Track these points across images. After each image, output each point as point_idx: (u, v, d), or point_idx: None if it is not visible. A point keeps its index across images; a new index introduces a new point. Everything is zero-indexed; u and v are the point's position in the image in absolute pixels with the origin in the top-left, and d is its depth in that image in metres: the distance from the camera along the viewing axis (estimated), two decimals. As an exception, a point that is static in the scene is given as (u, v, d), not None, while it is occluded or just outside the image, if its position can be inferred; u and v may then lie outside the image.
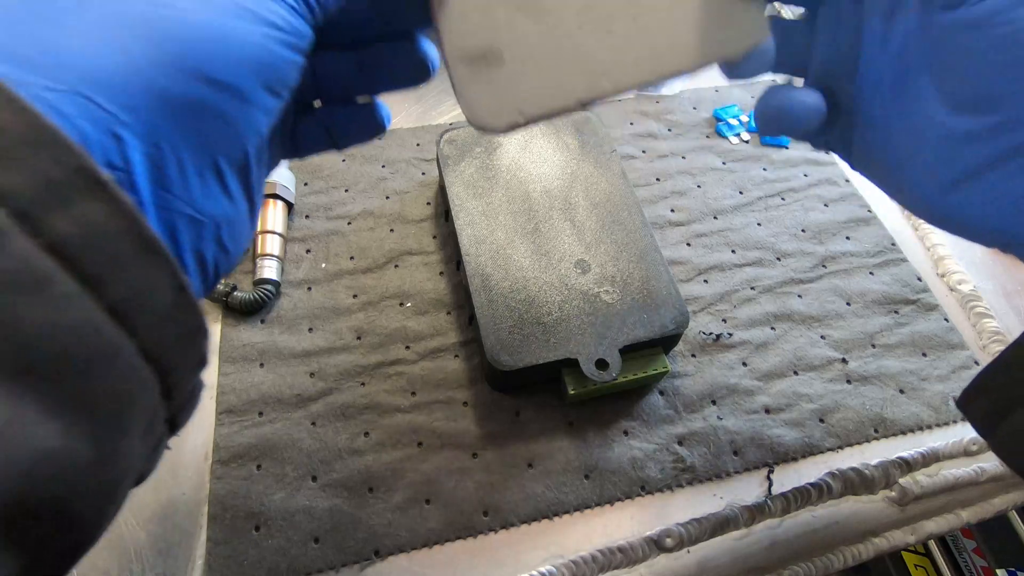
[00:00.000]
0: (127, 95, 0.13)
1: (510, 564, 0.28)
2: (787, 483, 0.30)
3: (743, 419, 0.32)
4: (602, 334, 0.30)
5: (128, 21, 0.13)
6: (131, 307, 0.12)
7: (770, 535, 0.29)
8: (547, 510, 0.29)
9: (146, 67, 0.13)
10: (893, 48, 0.19)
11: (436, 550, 0.28)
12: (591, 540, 0.28)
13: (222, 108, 0.15)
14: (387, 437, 0.30)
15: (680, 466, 0.30)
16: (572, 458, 0.30)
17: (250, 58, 0.15)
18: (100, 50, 0.13)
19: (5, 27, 0.13)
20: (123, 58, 0.13)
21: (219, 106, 0.15)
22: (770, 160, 0.43)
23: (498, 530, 0.28)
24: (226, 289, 0.33)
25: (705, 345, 0.34)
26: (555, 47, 0.20)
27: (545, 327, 0.30)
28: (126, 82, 0.13)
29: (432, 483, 0.29)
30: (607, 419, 0.31)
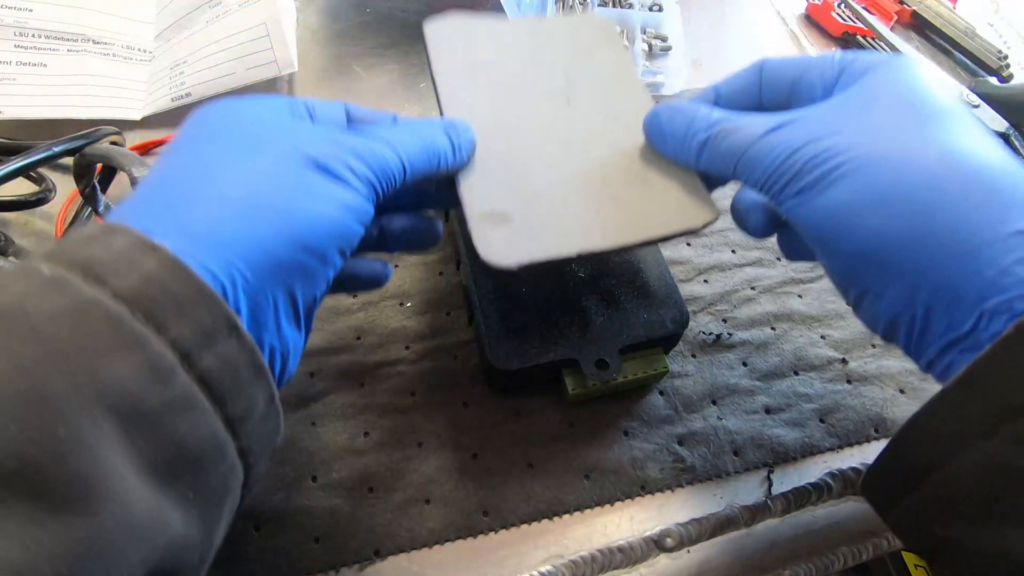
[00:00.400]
0: (253, 260, 0.18)
1: (510, 564, 0.28)
2: (787, 483, 0.30)
3: (743, 419, 0.32)
4: (602, 334, 0.30)
5: (262, 208, 0.18)
6: (241, 419, 0.16)
7: (770, 535, 0.29)
8: (547, 510, 0.29)
9: (269, 241, 0.18)
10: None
11: (436, 550, 0.28)
12: (591, 540, 0.28)
13: (310, 267, 0.20)
14: (387, 437, 0.30)
15: (680, 466, 0.30)
16: (572, 458, 0.30)
17: (335, 233, 0.20)
18: (241, 229, 0.18)
19: (181, 206, 0.18)
20: (255, 235, 0.18)
21: (308, 266, 0.20)
22: (770, 160, 0.43)
23: (498, 530, 0.28)
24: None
25: (705, 345, 0.34)
26: (551, 215, 0.26)
27: (545, 327, 0.30)
28: (254, 251, 0.18)
29: (432, 483, 0.29)
30: (607, 419, 0.31)
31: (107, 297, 0.14)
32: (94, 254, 0.15)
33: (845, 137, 0.21)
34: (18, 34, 0.41)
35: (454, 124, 0.26)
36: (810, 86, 0.25)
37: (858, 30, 0.52)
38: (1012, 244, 0.18)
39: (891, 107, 0.21)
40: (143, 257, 0.15)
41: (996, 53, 0.50)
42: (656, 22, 0.51)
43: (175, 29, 0.45)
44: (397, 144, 0.22)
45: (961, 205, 0.19)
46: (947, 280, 0.19)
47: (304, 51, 0.48)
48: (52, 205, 0.36)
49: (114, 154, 0.27)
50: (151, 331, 0.14)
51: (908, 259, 0.20)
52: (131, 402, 0.14)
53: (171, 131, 0.42)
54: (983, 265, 0.18)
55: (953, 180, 0.19)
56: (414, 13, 0.51)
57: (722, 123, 0.24)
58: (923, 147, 0.20)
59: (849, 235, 0.21)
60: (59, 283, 0.14)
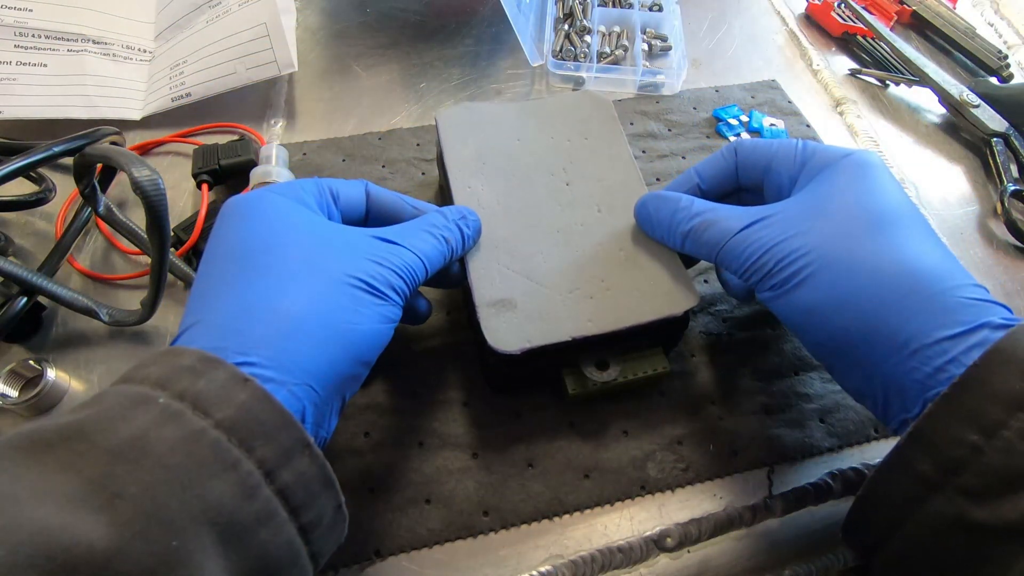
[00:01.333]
0: (324, 380, 0.21)
1: (510, 564, 0.28)
2: (787, 483, 0.30)
3: (743, 419, 0.32)
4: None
5: (329, 333, 0.22)
6: (312, 526, 0.19)
7: (770, 535, 0.29)
8: (547, 510, 0.29)
9: (338, 363, 0.22)
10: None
11: (436, 550, 0.28)
12: (591, 540, 0.28)
13: (361, 375, 0.24)
14: (387, 437, 0.30)
15: (680, 466, 0.30)
16: (572, 458, 0.30)
17: (382, 344, 0.24)
18: (316, 356, 0.21)
19: (261, 331, 0.21)
20: (327, 359, 0.22)
21: (361, 374, 0.24)
22: (770, 160, 0.43)
23: (498, 530, 0.28)
24: (226, 289, 0.33)
25: (705, 345, 0.34)
26: (551, 302, 0.29)
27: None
28: (326, 373, 0.21)
29: (432, 483, 0.29)
30: (607, 419, 0.31)
31: (211, 426, 0.17)
32: (200, 389, 0.17)
33: (809, 239, 0.25)
34: (18, 34, 0.41)
35: (464, 216, 0.29)
36: (778, 175, 0.29)
37: (858, 30, 0.52)
38: (943, 348, 0.22)
39: (848, 212, 0.25)
40: (238, 390, 0.18)
41: (996, 53, 0.50)
42: (656, 22, 0.51)
43: (175, 29, 0.45)
44: (422, 251, 0.26)
45: (903, 311, 0.23)
46: (895, 374, 0.23)
47: (304, 51, 0.48)
48: (52, 205, 0.36)
49: (114, 154, 0.27)
50: (243, 453, 0.17)
51: (864, 354, 0.23)
52: (227, 517, 0.16)
53: (171, 131, 0.42)
54: (922, 364, 0.22)
55: (897, 287, 0.23)
56: (414, 13, 0.51)
57: (703, 215, 0.28)
58: (873, 254, 0.24)
59: (816, 329, 0.25)
60: (174, 415, 0.17)
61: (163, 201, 0.25)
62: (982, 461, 0.19)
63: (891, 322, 0.23)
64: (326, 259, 0.23)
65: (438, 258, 0.27)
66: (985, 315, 0.22)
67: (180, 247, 0.35)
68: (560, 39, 0.48)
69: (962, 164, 0.45)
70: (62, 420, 0.17)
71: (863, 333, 0.23)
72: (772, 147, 0.29)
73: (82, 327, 0.33)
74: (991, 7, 0.58)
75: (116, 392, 0.18)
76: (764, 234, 0.26)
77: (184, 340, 0.21)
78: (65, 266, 0.35)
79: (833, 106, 0.48)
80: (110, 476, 0.15)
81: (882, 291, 0.23)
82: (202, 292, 0.23)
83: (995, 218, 0.42)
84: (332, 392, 0.22)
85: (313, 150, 0.41)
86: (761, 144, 0.30)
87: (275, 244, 0.23)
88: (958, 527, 0.20)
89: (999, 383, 0.20)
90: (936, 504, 0.20)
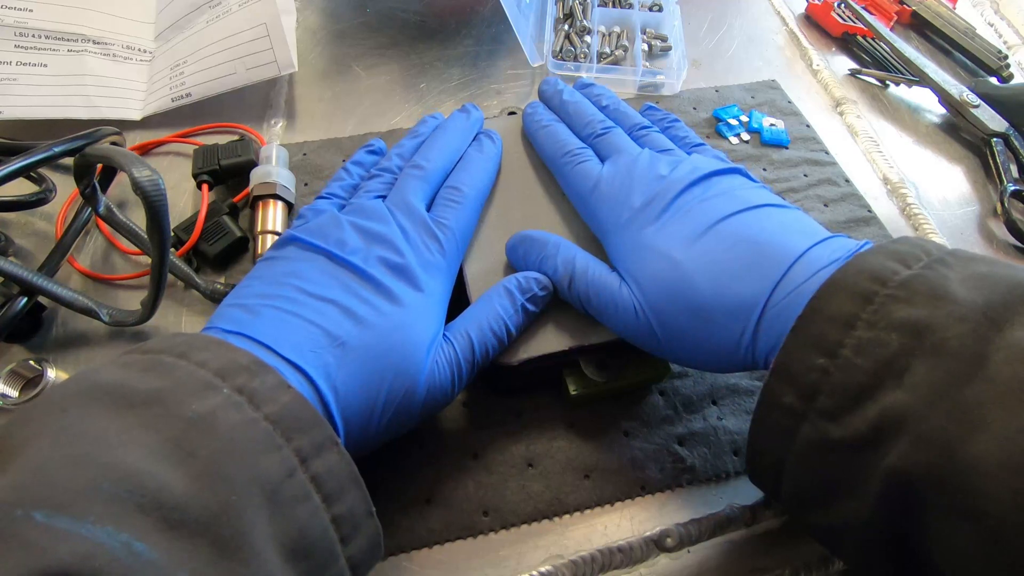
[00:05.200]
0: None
1: (510, 564, 0.28)
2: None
3: (743, 419, 0.32)
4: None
5: (380, 371, 0.25)
6: (344, 521, 0.21)
7: (770, 535, 0.29)
8: (547, 510, 0.29)
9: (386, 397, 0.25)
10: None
11: (436, 550, 0.28)
12: (591, 540, 0.28)
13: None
14: (387, 437, 0.30)
15: (680, 466, 0.30)
16: (572, 458, 0.30)
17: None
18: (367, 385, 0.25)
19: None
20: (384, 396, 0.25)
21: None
22: (770, 160, 0.43)
23: (498, 530, 0.28)
24: (226, 289, 0.33)
25: (705, 345, 0.34)
26: (551, 313, 0.30)
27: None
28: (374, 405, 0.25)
29: (432, 483, 0.29)
30: (607, 419, 0.31)
31: (261, 418, 0.20)
32: (255, 387, 0.20)
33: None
34: (18, 34, 0.41)
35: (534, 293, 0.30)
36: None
37: (858, 30, 0.52)
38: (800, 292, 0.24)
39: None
40: (282, 393, 0.21)
41: (996, 53, 0.50)
42: (656, 22, 0.51)
43: (175, 29, 0.45)
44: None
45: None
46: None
47: (304, 51, 0.48)
48: (52, 205, 0.36)
49: (114, 154, 0.27)
50: (284, 441, 0.20)
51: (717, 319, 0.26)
52: (273, 487, 0.19)
53: (171, 131, 0.42)
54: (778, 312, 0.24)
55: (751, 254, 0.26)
56: (414, 13, 0.51)
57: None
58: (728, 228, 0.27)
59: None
60: (235, 404, 0.20)
61: (163, 201, 0.25)
62: (830, 381, 0.21)
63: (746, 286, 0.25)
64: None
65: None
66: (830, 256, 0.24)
67: (180, 247, 0.35)
68: (560, 39, 0.48)
69: (962, 164, 0.45)
70: (140, 384, 0.20)
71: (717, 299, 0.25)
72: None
73: (82, 327, 0.33)
74: (991, 7, 0.58)
75: (184, 370, 0.20)
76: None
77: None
78: (65, 266, 0.35)
79: (833, 106, 0.48)
80: (185, 439, 0.18)
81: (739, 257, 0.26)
82: None
83: (995, 218, 0.42)
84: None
85: (313, 150, 0.41)
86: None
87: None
88: (825, 449, 0.21)
89: (835, 308, 0.21)
90: (805, 431, 0.21)
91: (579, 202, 0.32)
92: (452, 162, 0.33)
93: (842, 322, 0.21)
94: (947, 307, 0.20)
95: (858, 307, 0.21)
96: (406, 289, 0.27)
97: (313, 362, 0.23)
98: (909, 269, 0.22)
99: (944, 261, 0.22)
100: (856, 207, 0.41)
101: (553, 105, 0.37)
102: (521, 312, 0.28)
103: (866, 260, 0.22)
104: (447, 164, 0.33)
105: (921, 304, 0.20)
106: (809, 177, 0.42)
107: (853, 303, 0.21)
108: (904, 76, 0.48)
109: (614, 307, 0.28)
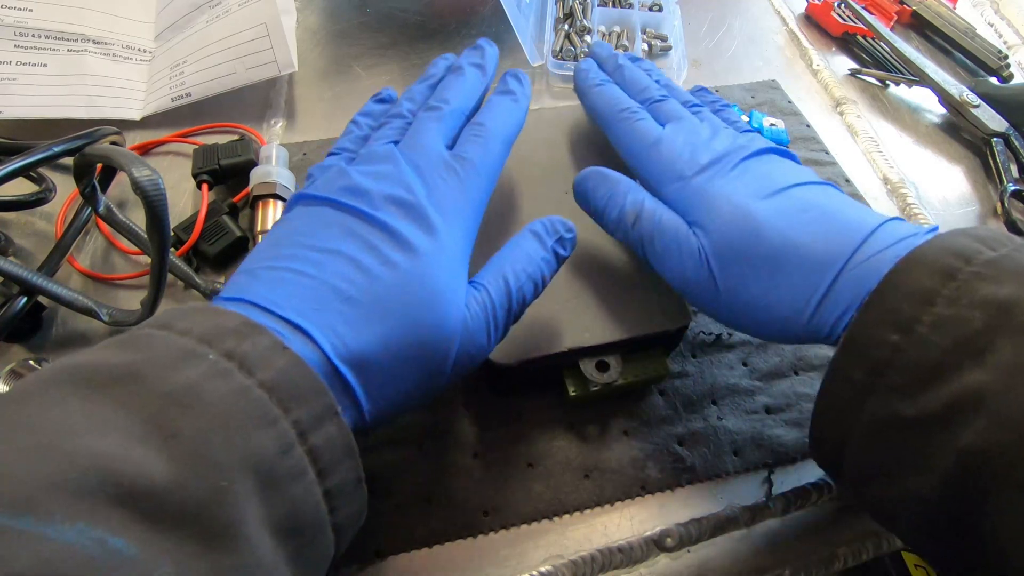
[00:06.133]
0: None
1: (510, 564, 0.28)
2: (787, 483, 0.30)
3: (743, 419, 0.32)
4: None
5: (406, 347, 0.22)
6: (335, 494, 0.19)
7: (770, 535, 0.29)
8: (547, 510, 0.29)
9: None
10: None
11: (436, 550, 0.28)
12: (591, 540, 0.28)
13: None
14: (387, 437, 0.30)
15: (680, 466, 0.30)
16: (572, 458, 0.30)
17: None
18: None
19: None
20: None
21: None
22: (770, 160, 0.43)
23: (498, 530, 0.28)
24: (226, 289, 0.33)
25: (705, 345, 0.34)
26: (550, 314, 0.30)
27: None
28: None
29: (432, 483, 0.29)
30: (607, 419, 0.31)
31: (254, 385, 0.18)
32: (246, 350, 0.18)
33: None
34: (18, 34, 0.41)
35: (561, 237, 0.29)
36: None
37: (858, 30, 0.52)
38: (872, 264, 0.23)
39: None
40: (278, 356, 0.19)
41: (996, 53, 0.50)
42: (656, 22, 0.51)
43: (175, 29, 0.45)
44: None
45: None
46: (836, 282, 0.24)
47: (304, 51, 0.48)
48: (52, 205, 0.36)
49: (114, 154, 0.27)
50: (281, 413, 0.18)
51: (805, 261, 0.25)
52: (267, 467, 0.17)
53: (171, 131, 0.42)
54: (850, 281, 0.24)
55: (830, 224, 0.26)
56: (414, 13, 0.51)
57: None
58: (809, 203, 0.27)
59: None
60: (223, 372, 0.18)
61: (163, 201, 0.25)
62: (903, 358, 0.20)
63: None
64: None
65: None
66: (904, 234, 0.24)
67: (180, 247, 0.35)
68: (560, 39, 0.48)
69: (962, 164, 0.45)
70: (111, 360, 0.18)
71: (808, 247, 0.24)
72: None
73: (82, 327, 0.33)
74: (991, 7, 0.58)
75: (163, 340, 0.18)
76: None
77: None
78: (65, 266, 0.35)
79: (833, 106, 0.48)
80: (165, 418, 0.17)
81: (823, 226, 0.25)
82: None
83: (995, 218, 0.42)
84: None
85: (313, 150, 0.41)
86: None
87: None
88: (893, 426, 0.21)
89: (912, 283, 0.21)
90: (872, 407, 0.21)
91: (635, 157, 0.31)
92: (472, 103, 0.30)
93: (920, 298, 0.20)
94: None
95: (939, 283, 0.20)
96: (419, 233, 0.24)
97: (317, 321, 0.21)
98: (994, 251, 0.21)
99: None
100: (856, 207, 0.41)
101: (608, 68, 0.36)
102: (552, 255, 0.27)
103: (949, 239, 0.22)
104: (465, 105, 0.29)
105: (1009, 283, 0.20)
106: (809, 177, 0.42)
107: (933, 279, 0.21)
108: (904, 76, 0.48)
109: (678, 250, 0.27)
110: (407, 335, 0.22)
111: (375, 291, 0.22)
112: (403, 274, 0.23)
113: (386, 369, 0.22)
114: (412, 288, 0.23)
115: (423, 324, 0.22)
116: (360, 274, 0.22)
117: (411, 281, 0.23)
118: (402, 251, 0.23)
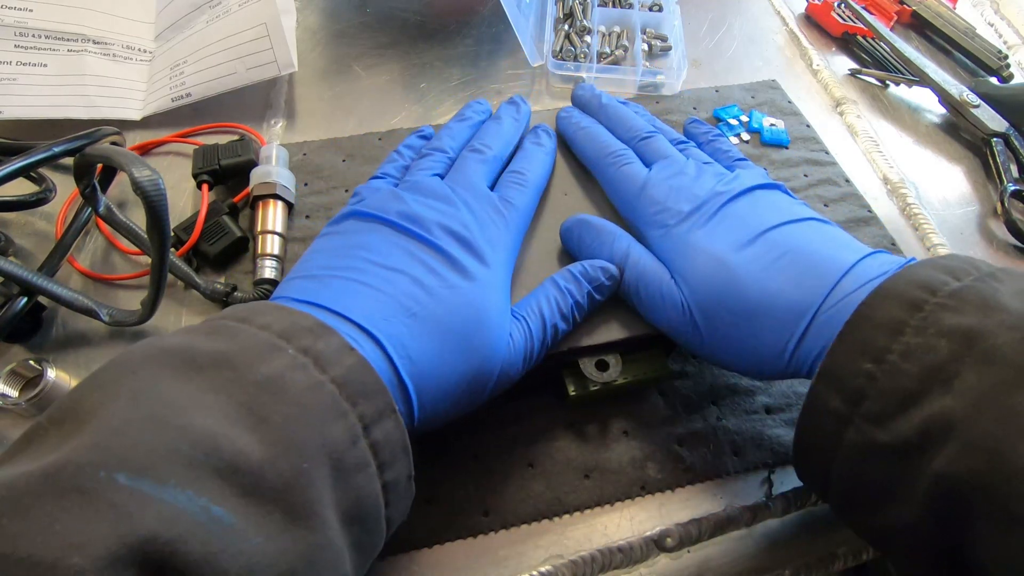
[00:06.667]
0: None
1: (510, 564, 0.28)
2: (787, 483, 0.30)
3: (743, 419, 0.32)
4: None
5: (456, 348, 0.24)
6: (391, 487, 0.21)
7: (770, 535, 0.29)
8: (547, 510, 0.29)
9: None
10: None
11: (436, 550, 0.28)
12: (591, 540, 0.28)
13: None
14: (387, 437, 0.30)
15: (680, 466, 0.30)
16: (572, 458, 0.30)
17: None
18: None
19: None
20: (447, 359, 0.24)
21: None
22: (770, 160, 0.43)
23: (498, 530, 0.28)
24: (226, 289, 0.33)
25: (705, 345, 0.34)
26: None
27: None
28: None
29: (433, 483, 0.29)
30: (607, 419, 0.31)
31: (327, 380, 0.19)
32: (320, 348, 0.20)
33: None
34: (18, 34, 0.41)
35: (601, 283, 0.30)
36: None
37: (858, 30, 0.52)
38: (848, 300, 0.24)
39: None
40: (347, 355, 0.20)
41: (996, 53, 0.50)
42: (656, 22, 0.51)
43: (175, 29, 0.45)
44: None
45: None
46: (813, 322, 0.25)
47: (304, 51, 0.48)
48: (52, 205, 0.36)
49: (114, 154, 0.27)
50: (349, 407, 0.20)
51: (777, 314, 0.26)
52: (339, 455, 0.19)
53: (171, 131, 0.42)
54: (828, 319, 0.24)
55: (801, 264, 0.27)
56: (414, 13, 0.51)
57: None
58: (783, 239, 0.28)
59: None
60: (302, 366, 0.19)
61: (163, 201, 0.25)
62: (877, 387, 0.21)
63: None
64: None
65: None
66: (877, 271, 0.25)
67: (180, 247, 0.35)
68: (560, 39, 0.48)
69: (962, 164, 0.45)
70: (203, 346, 0.19)
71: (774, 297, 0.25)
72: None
73: (82, 327, 0.33)
74: (991, 7, 0.58)
75: (249, 333, 0.20)
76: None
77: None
78: (65, 266, 0.35)
79: (833, 106, 0.48)
80: (256, 403, 0.18)
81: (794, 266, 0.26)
82: None
83: (995, 218, 0.42)
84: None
85: (313, 150, 0.41)
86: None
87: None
88: (870, 453, 0.21)
89: (883, 314, 0.22)
90: (850, 435, 0.21)
91: (622, 202, 0.33)
92: (509, 150, 0.34)
93: (890, 328, 0.21)
94: (998, 316, 0.20)
95: (907, 314, 0.21)
96: (474, 262, 0.26)
97: (385, 330, 0.23)
98: (959, 281, 0.22)
99: (995, 276, 0.22)
100: (856, 207, 0.41)
101: (591, 109, 0.38)
102: (586, 299, 0.29)
103: (916, 271, 0.23)
104: (504, 152, 0.34)
105: (972, 313, 0.20)
106: (809, 177, 0.42)
107: (902, 310, 0.21)
108: (904, 76, 0.48)
109: (661, 301, 0.28)
110: (461, 354, 0.24)
111: (436, 311, 0.24)
112: (462, 296, 0.25)
113: (439, 383, 0.24)
114: (469, 311, 0.25)
115: (475, 346, 0.24)
116: (423, 293, 0.24)
117: (469, 304, 0.25)
118: (461, 275, 0.25)
